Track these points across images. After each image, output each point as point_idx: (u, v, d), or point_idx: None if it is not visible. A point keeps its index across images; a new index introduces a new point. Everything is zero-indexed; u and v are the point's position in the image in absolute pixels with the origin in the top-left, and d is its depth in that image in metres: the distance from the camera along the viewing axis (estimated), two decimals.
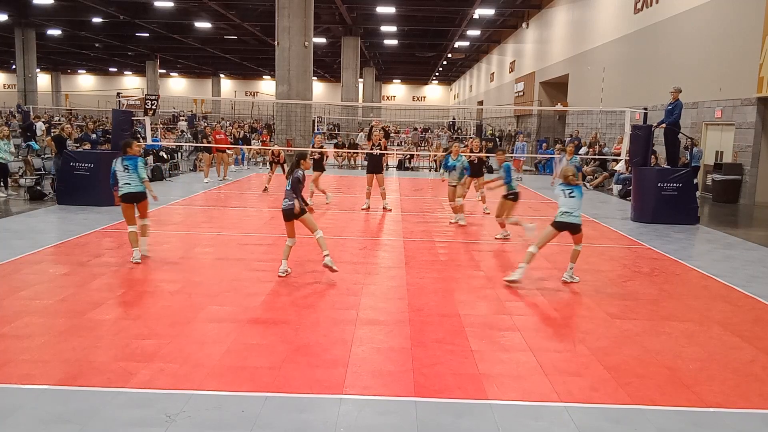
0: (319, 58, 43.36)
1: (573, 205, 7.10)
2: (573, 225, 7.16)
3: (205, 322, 5.58)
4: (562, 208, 7.16)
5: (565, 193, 7.16)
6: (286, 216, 7.17)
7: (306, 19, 21.29)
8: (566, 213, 7.12)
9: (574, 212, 7.12)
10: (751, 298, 6.87)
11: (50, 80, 66.16)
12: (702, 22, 16.33)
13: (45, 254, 7.99)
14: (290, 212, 7.07)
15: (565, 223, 7.14)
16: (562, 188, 7.20)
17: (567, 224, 7.15)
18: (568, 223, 7.14)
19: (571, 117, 26.83)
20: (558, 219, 7.15)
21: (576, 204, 7.11)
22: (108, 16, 33.87)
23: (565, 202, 7.13)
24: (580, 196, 7.13)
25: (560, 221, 7.14)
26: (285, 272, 7.24)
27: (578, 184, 7.25)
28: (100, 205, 11.61)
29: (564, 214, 7.14)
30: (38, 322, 5.42)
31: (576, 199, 7.10)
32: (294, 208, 7.01)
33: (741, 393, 4.42)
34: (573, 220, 7.13)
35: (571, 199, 7.10)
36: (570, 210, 7.11)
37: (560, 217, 7.15)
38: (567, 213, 7.12)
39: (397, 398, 4.19)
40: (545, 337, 5.45)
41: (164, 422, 3.76)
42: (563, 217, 7.13)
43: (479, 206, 12.90)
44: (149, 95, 15.69)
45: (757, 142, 14.39)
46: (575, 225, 7.16)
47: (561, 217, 7.14)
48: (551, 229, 7.20)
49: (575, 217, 7.13)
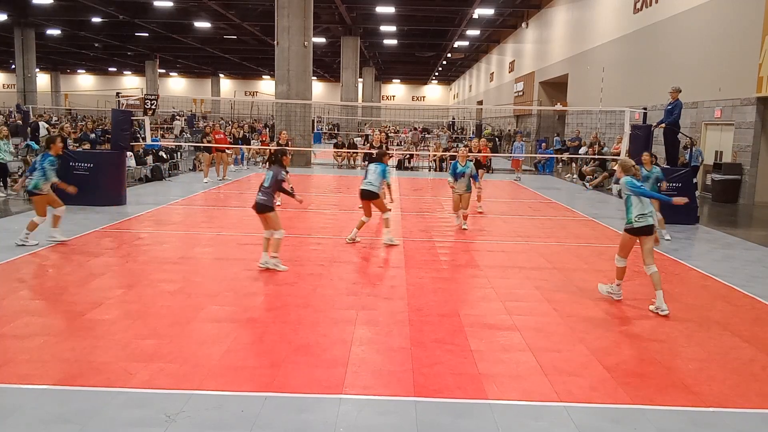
0: (318, 58, 43.36)
1: (650, 206, 6.27)
2: (651, 228, 6.22)
3: (205, 322, 5.58)
4: (636, 209, 6.20)
5: (637, 190, 6.21)
6: (259, 210, 7.38)
7: (305, 18, 21.30)
8: (645, 215, 6.20)
9: (651, 213, 6.26)
10: (751, 297, 6.88)
11: (50, 80, 66.16)
12: (702, 22, 16.34)
13: (45, 254, 7.99)
14: (264, 207, 7.32)
15: (646, 227, 6.19)
16: (632, 185, 6.22)
17: (647, 228, 6.20)
18: (648, 227, 6.19)
19: (570, 117, 26.84)
20: (638, 224, 6.19)
21: (649, 204, 6.28)
22: (107, 15, 33.86)
23: (637, 204, 6.20)
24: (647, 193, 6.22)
25: (642, 226, 6.19)
26: (265, 264, 7.41)
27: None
28: (100, 205, 11.62)
29: (643, 217, 6.19)
30: (38, 322, 5.42)
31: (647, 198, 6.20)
32: (269, 204, 7.32)
33: (740, 393, 4.43)
34: (651, 221, 6.23)
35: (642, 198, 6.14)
36: (649, 211, 6.23)
37: (641, 221, 6.19)
38: (646, 215, 6.20)
39: (397, 398, 4.19)
40: (545, 337, 5.45)
41: (164, 422, 3.76)
42: (644, 220, 6.19)
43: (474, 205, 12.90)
44: (149, 95, 15.68)
45: (756, 141, 14.40)
46: (652, 227, 6.22)
47: (641, 220, 6.19)
48: (629, 237, 6.34)
49: (652, 218, 6.24)
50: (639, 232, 6.26)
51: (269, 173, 7.44)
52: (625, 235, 6.42)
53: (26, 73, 39.21)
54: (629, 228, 6.31)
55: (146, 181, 16.49)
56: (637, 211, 6.23)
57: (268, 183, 7.35)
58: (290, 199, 7.96)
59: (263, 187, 7.37)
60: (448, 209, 11.90)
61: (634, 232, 6.30)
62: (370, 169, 9.22)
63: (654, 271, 6.21)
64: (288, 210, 12.34)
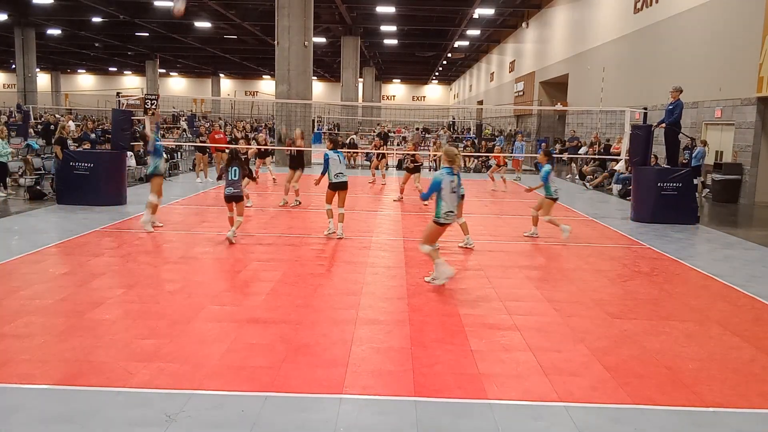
0: (318, 58, 43.36)
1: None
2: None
3: (205, 321, 5.58)
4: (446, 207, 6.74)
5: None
6: (232, 200, 8.92)
7: (306, 18, 21.29)
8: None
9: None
10: (751, 297, 6.87)
11: (50, 80, 66.16)
12: (702, 22, 16.34)
13: (45, 254, 7.99)
14: (237, 197, 8.92)
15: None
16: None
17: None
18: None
19: (570, 117, 26.84)
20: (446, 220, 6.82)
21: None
22: (108, 15, 33.87)
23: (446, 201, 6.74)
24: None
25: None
26: (234, 236, 8.88)
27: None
28: (100, 205, 11.62)
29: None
30: (38, 322, 5.42)
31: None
32: (240, 194, 8.98)
33: (741, 393, 4.42)
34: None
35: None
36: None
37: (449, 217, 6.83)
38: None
39: (397, 398, 4.19)
40: (545, 337, 5.45)
41: (164, 422, 3.76)
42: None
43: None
44: (149, 95, 15.67)
45: (756, 141, 14.39)
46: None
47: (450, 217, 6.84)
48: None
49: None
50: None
51: (233, 169, 8.93)
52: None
53: (26, 72, 39.23)
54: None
55: (146, 181, 16.45)
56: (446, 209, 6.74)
57: (236, 176, 8.92)
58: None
59: (233, 181, 8.88)
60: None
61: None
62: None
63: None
64: (288, 210, 12.35)
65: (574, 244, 9.58)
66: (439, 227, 6.88)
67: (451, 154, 6.82)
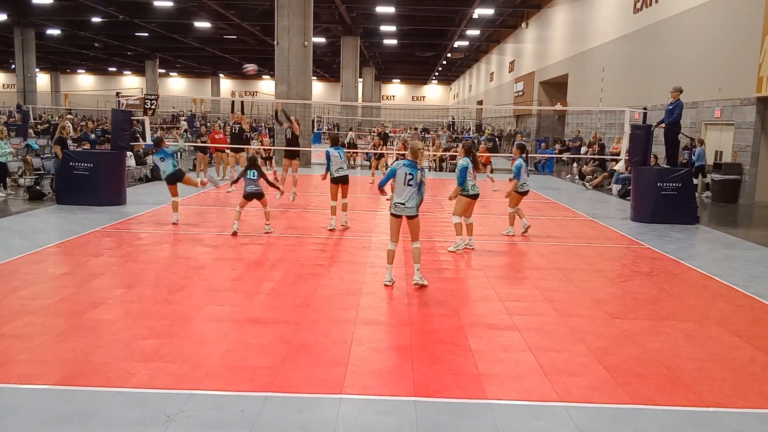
0: (318, 58, 43.35)
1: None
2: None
3: (205, 321, 5.58)
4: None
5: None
6: (253, 197, 9.57)
7: (305, 18, 21.28)
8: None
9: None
10: (751, 297, 6.87)
11: (50, 80, 66.11)
12: (702, 22, 16.34)
13: (44, 254, 7.99)
14: (258, 194, 9.58)
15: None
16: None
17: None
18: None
19: (570, 117, 26.84)
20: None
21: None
22: (107, 15, 33.85)
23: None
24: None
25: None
26: (269, 229, 9.67)
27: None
28: (100, 205, 11.62)
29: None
30: (38, 322, 5.42)
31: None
32: (261, 191, 9.59)
33: (740, 393, 4.43)
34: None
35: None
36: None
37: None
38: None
39: (397, 398, 4.19)
40: (545, 337, 5.45)
41: (164, 422, 3.76)
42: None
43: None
44: (148, 95, 15.67)
45: (756, 141, 14.39)
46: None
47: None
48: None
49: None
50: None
51: (252, 171, 9.54)
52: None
53: (26, 73, 39.20)
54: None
55: (146, 181, 16.49)
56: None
57: (255, 177, 9.52)
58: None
59: (252, 180, 9.50)
60: (449, 210, 11.87)
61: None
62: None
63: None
64: (289, 210, 12.35)
65: (574, 244, 9.59)
66: (391, 218, 6.94)
67: (414, 149, 6.89)
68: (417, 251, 6.92)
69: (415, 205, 6.84)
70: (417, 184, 6.76)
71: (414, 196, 6.80)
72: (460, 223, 8.74)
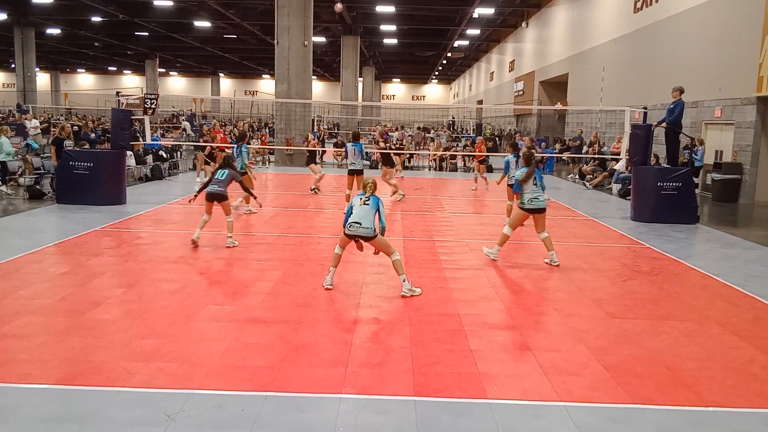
0: (318, 57, 43.33)
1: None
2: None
3: (205, 321, 5.58)
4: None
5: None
6: (214, 198, 8.77)
7: (306, 18, 21.29)
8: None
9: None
10: (751, 297, 6.87)
11: (50, 79, 66.14)
12: (702, 21, 16.33)
13: (44, 253, 7.99)
14: (220, 195, 8.74)
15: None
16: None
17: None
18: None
19: (570, 116, 26.83)
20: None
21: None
22: (107, 15, 33.86)
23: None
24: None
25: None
26: (197, 238, 8.64)
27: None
28: (100, 204, 11.62)
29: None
30: (38, 322, 5.42)
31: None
32: (223, 193, 8.73)
33: (740, 392, 4.43)
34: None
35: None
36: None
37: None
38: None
39: (397, 398, 4.19)
40: (545, 337, 5.46)
41: (164, 422, 3.76)
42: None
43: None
44: (148, 94, 15.65)
45: (756, 141, 14.39)
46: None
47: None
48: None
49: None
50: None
51: (222, 171, 8.89)
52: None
53: (26, 72, 39.22)
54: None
55: (146, 181, 16.48)
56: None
57: (224, 176, 8.80)
58: (293, 199, 8.04)
59: (219, 180, 8.77)
60: (449, 210, 11.92)
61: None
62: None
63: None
64: (289, 210, 12.35)
65: (574, 244, 9.59)
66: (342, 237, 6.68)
67: (367, 183, 6.72)
68: (397, 263, 6.54)
69: (372, 226, 6.48)
70: (375, 205, 6.52)
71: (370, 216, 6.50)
72: (507, 235, 8.30)
